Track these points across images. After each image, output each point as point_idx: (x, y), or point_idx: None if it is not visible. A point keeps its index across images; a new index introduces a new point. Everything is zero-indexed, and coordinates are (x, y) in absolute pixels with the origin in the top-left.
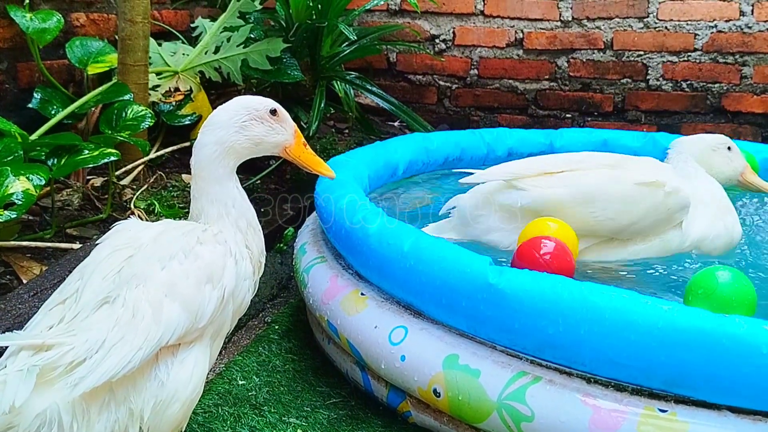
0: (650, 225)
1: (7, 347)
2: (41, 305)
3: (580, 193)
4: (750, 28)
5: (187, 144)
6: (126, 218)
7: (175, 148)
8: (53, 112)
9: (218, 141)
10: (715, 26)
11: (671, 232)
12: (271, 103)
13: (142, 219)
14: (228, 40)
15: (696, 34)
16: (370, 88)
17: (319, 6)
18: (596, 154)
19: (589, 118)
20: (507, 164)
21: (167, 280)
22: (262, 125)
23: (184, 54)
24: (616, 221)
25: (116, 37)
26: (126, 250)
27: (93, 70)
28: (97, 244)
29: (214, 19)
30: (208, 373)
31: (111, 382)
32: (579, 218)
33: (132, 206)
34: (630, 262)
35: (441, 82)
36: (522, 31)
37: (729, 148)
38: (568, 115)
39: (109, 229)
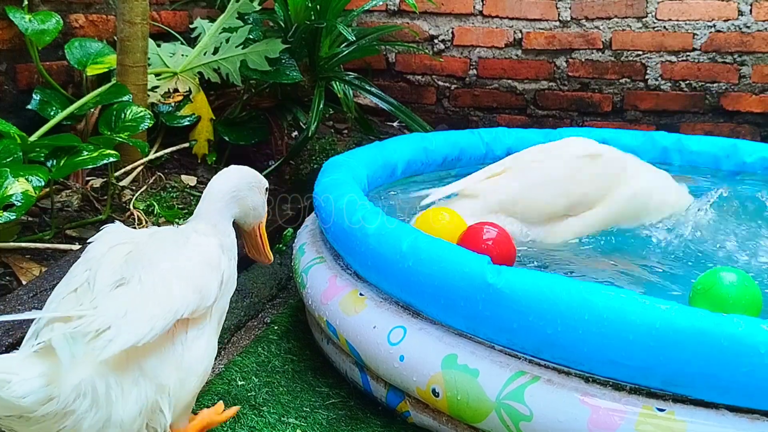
0: (599, 192)
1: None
2: (41, 306)
3: (528, 183)
4: (748, 27)
5: (186, 145)
6: (126, 219)
7: (174, 149)
8: (52, 114)
9: (234, 188)
10: (714, 26)
11: (618, 190)
12: (264, 181)
13: (141, 220)
14: (227, 41)
15: (695, 34)
16: (369, 88)
17: (318, 7)
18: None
19: (588, 118)
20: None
21: (174, 264)
22: (260, 196)
23: (183, 55)
24: (569, 198)
25: (115, 38)
26: (125, 246)
27: (92, 71)
28: (90, 242)
29: (212, 20)
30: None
31: (139, 358)
32: (535, 205)
33: (131, 207)
34: (608, 237)
35: (440, 83)
36: (521, 31)
37: None
38: (567, 116)
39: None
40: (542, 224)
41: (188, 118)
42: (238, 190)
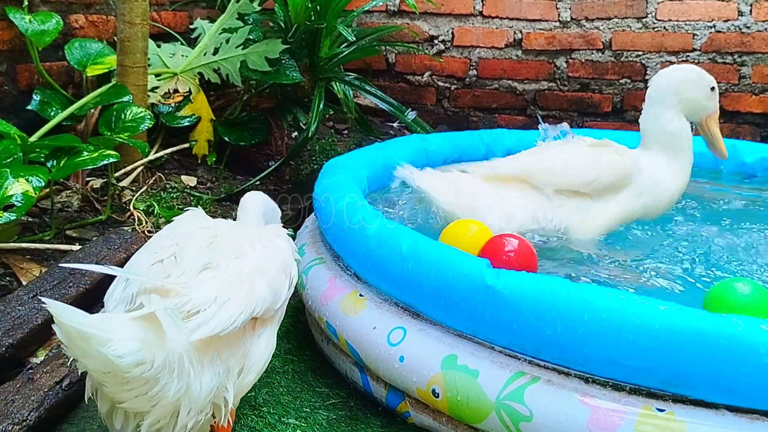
0: (621, 178)
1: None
2: (41, 307)
3: (544, 159)
4: (748, 28)
5: (186, 145)
6: (126, 220)
7: (174, 149)
8: (52, 114)
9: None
10: (714, 26)
11: (638, 178)
12: (278, 211)
13: (141, 220)
14: (227, 41)
15: (694, 34)
16: (369, 89)
17: (318, 7)
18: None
19: (588, 119)
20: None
21: (258, 261)
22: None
23: (183, 55)
24: (583, 175)
25: (115, 38)
26: (210, 230)
27: (92, 71)
28: (173, 222)
29: (213, 20)
30: None
31: (218, 342)
32: (547, 179)
33: (131, 208)
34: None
35: (440, 83)
36: (521, 32)
37: (712, 89)
38: (567, 117)
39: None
40: (566, 207)
41: (188, 119)
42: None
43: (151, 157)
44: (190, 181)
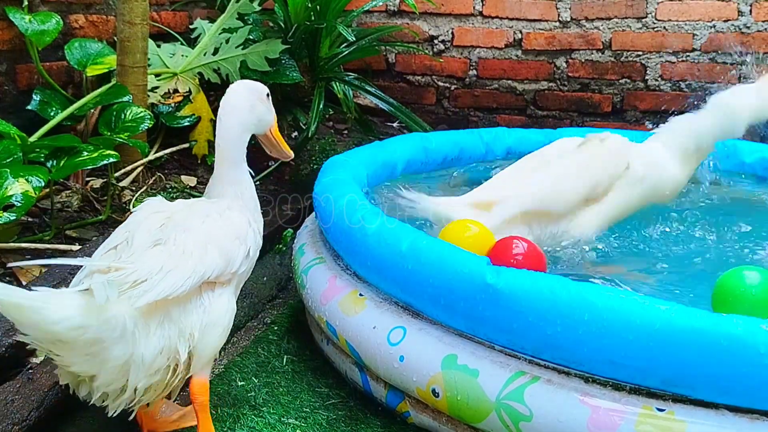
0: (615, 171)
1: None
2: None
3: (552, 177)
4: (748, 28)
5: (186, 145)
6: (125, 220)
7: (174, 149)
8: (52, 114)
9: (240, 122)
10: (714, 26)
11: (630, 168)
12: (265, 88)
13: None
14: (227, 41)
15: (694, 34)
16: (368, 89)
17: (318, 7)
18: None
19: (588, 119)
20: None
21: (207, 231)
22: (262, 105)
23: (183, 55)
24: (591, 181)
25: (115, 38)
26: (163, 213)
27: (92, 71)
28: (132, 212)
29: (212, 20)
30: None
31: (167, 305)
32: (562, 197)
33: (131, 208)
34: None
35: (440, 83)
36: (521, 32)
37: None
38: (566, 117)
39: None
40: (567, 218)
41: (188, 119)
42: (242, 123)
43: (151, 157)
44: (190, 181)
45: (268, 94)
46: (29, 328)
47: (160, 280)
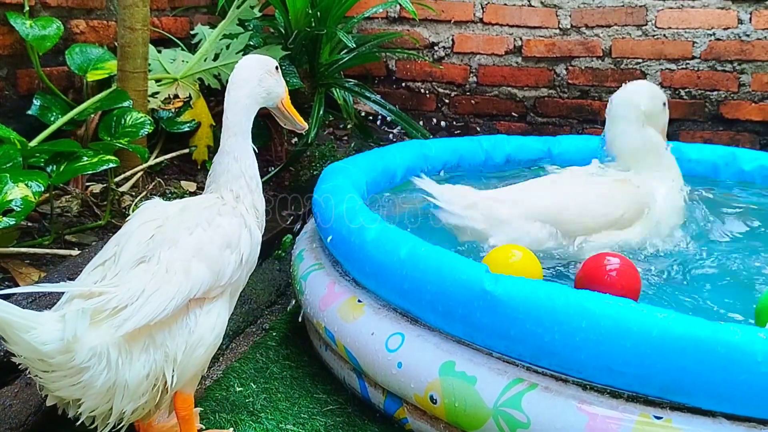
0: (636, 212)
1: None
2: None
3: (573, 196)
4: (748, 36)
5: (186, 151)
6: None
7: (174, 154)
8: (53, 119)
9: (248, 94)
10: (714, 34)
11: (651, 210)
12: (275, 61)
13: None
14: (227, 47)
15: (694, 42)
16: (369, 95)
17: (318, 13)
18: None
19: (588, 126)
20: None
21: (195, 244)
22: (271, 78)
23: (183, 61)
24: (610, 216)
25: (116, 44)
26: (155, 221)
27: (92, 76)
28: (128, 219)
29: (213, 26)
30: (206, 380)
31: (150, 328)
32: (579, 220)
33: (131, 213)
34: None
35: (440, 90)
36: (521, 39)
37: (664, 104)
38: (566, 124)
39: (138, 207)
40: (579, 236)
41: (188, 124)
42: (250, 96)
43: (151, 162)
44: (189, 186)
45: (277, 67)
46: (18, 346)
47: (141, 306)
